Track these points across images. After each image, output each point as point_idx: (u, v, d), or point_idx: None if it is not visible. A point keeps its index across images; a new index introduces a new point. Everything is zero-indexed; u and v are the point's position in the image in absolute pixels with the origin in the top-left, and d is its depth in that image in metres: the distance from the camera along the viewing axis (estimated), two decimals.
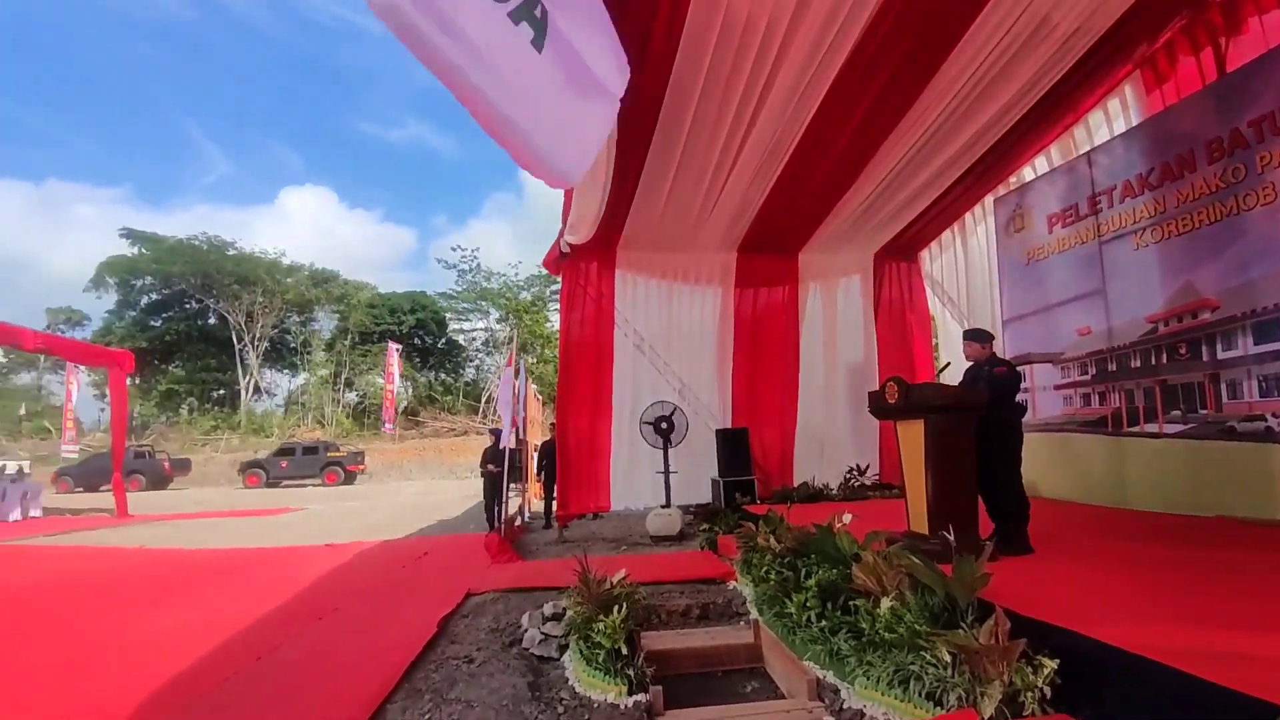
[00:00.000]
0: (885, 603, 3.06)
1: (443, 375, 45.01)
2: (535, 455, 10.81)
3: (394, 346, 26.33)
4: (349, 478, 22.86)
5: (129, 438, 21.26)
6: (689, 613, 4.74)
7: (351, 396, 39.51)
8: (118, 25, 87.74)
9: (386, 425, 25.16)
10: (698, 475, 8.84)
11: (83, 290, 37.70)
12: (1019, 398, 5.00)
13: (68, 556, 8.59)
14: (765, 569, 4.49)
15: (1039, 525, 4.69)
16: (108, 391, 33.01)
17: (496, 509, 8.68)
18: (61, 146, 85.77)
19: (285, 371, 40.85)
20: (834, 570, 3.79)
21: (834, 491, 8.51)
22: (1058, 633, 2.66)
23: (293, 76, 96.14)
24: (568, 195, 7.67)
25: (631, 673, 3.19)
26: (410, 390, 39.91)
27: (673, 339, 9.20)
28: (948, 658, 2.58)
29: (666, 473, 8.04)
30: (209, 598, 5.92)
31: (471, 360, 45.78)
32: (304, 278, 38.64)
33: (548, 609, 4.26)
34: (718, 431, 8.70)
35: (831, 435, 9.39)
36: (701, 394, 9.13)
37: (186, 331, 37.30)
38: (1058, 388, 7.21)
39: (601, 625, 3.45)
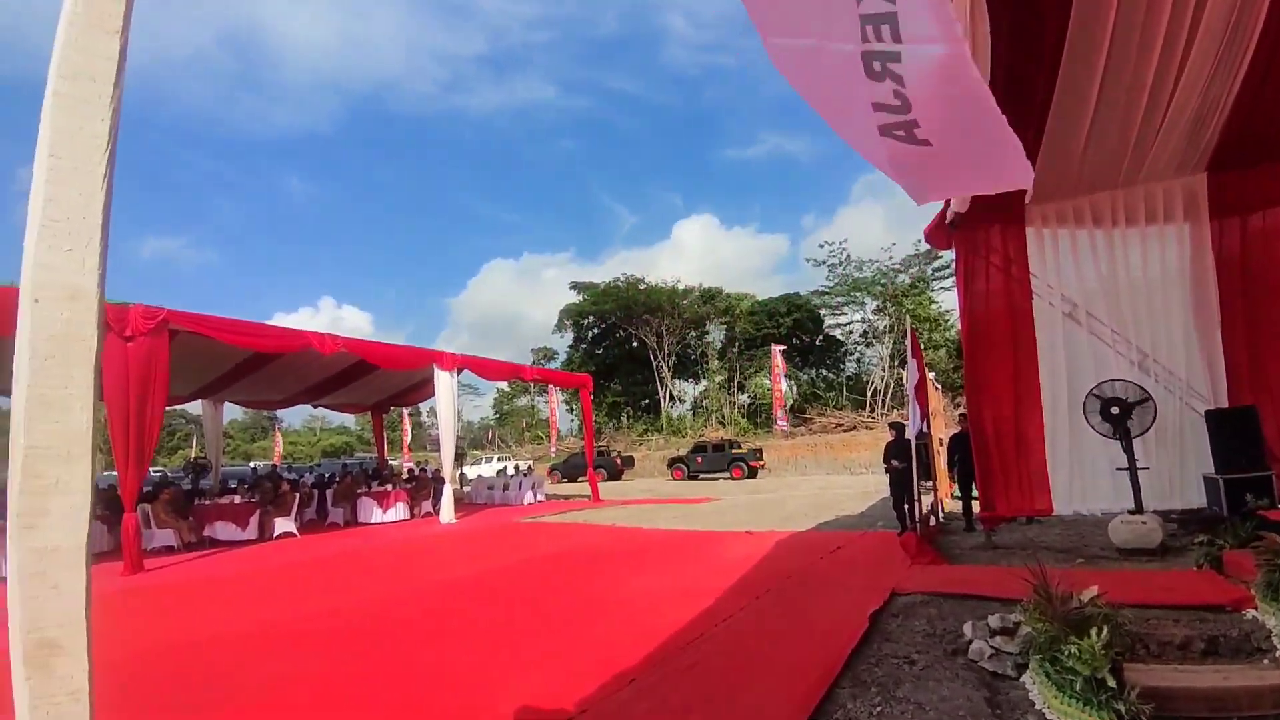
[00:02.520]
0: None
1: (823, 371, 45.33)
2: (943, 450, 9.94)
3: (777, 348, 27.67)
4: (751, 472, 24.88)
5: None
6: (1189, 645, 3.86)
7: (744, 398, 42.97)
8: (547, 130, 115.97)
9: (780, 423, 26.45)
10: (1180, 471, 6.83)
11: (551, 332, 50.35)
12: None
13: (567, 531, 11.52)
14: None
15: None
16: (574, 406, 43.28)
17: (907, 507, 8.27)
18: (528, 229, 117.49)
19: (689, 380, 46.95)
20: None
21: None
22: None
23: (667, 129, 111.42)
24: None
25: (1121, 708, 2.75)
26: (794, 389, 41.32)
27: (1120, 299, 7.29)
28: None
29: (1132, 469, 6.43)
30: (668, 567, 7.19)
31: (851, 354, 44.96)
32: (695, 298, 43.89)
33: (994, 621, 3.91)
34: (1208, 414, 6.56)
35: None
36: (1174, 365, 7.02)
37: (619, 355, 46.37)
38: None
39: (1075, 649, 3.00)
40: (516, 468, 23.01)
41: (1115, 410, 6.53)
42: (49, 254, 0.83)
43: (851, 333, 43.65)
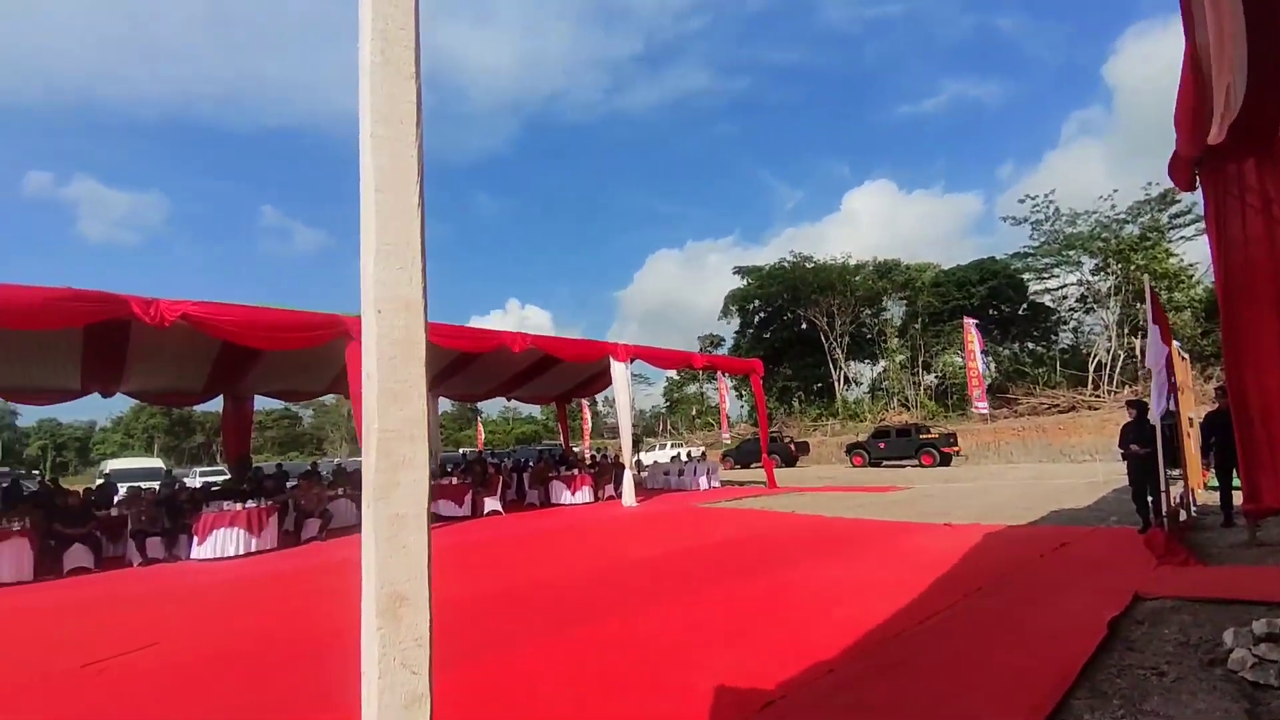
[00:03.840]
0: None
1: (1029, 345, 40.14)
2: (1194, 431, 8.32)
3: (969, 321, 24.91)
4: (944, 459, 22.80)
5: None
6: None
7: (930, 378, 39.57)
8: (704, 116, 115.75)
9: (978, 405, 23.72)
10: None
11: (716, 319, 50.40)
12: None
13: (746, 517, 11.50)
14: None
15: None
16: (743, 392, 42.97)
17: (1151, 499, 7.07)
18: (689, 218, 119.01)
19: (866, 361, 44.27)
20: None
21: None
22: None
23: (828, 96, 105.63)
24: (1186, 84, 5.67)
25: None
26: (992, 366, 37.14)
27: None
28: None
29: None
30: (857, 558, 6.90)
31: (1065, 323, 39.28)
32: (869, 273, 41.17)
33: (1259, 627, 3.46)
34: None
35: None
36: None
37: (787, 339, 45.10)
38: None
39: None
40: (689, 454, 23.50)
41: None
42: (385, 273, 1.04)
43: (1065, 298, 38.08)
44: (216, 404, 17.02)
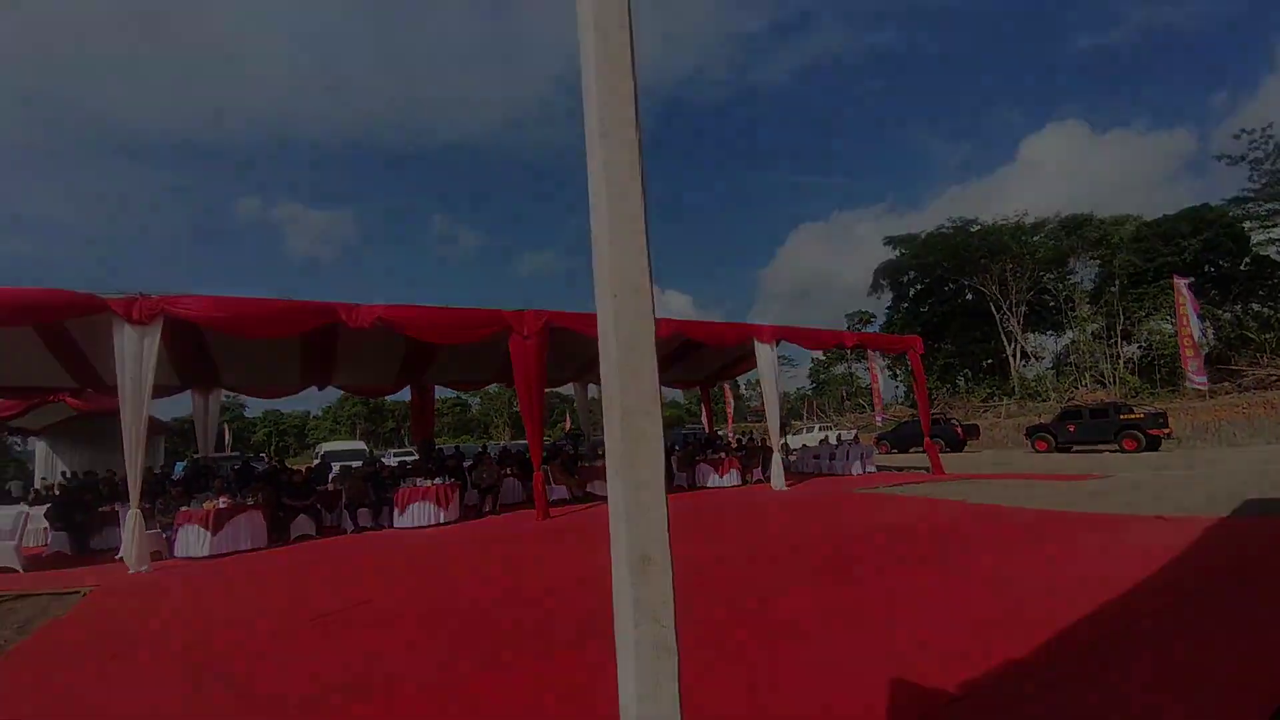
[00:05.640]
0: None
1: (1254, 306, 33.37)
2: None
3: (1181, 281, 21.07)
4: (1151, 443, 19.66)
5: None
6: None
7: (1132, 349, 34.36)
8: (845, 77, 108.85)
9: (1194, 378, 20.03)
10: None
11: (865, 294, 47.63)
12: None
13: (910, 504, 10.79)
14: None
15: None
16: (896, 371, 40.26)
17: None
18: (834, 187, 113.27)
19: (1049, 333, 39.49)
20: None
21: None
22: None
23: (991, 36, 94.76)
24: None
25: None
26: (1210, 332, 31.40)
27: None
28: None
29: None
30: (1049, 553, 6.23)
31: None
32: (1052, 230, 36.39)
33: None
34: None
35: None
36: None
37: (948, 311, 41.47)
38: None
39: None
40: (839, 437, 22.53)
41: None
42: (617, 259, 1.14)
43: None
44: (404, 394, 19.22)
